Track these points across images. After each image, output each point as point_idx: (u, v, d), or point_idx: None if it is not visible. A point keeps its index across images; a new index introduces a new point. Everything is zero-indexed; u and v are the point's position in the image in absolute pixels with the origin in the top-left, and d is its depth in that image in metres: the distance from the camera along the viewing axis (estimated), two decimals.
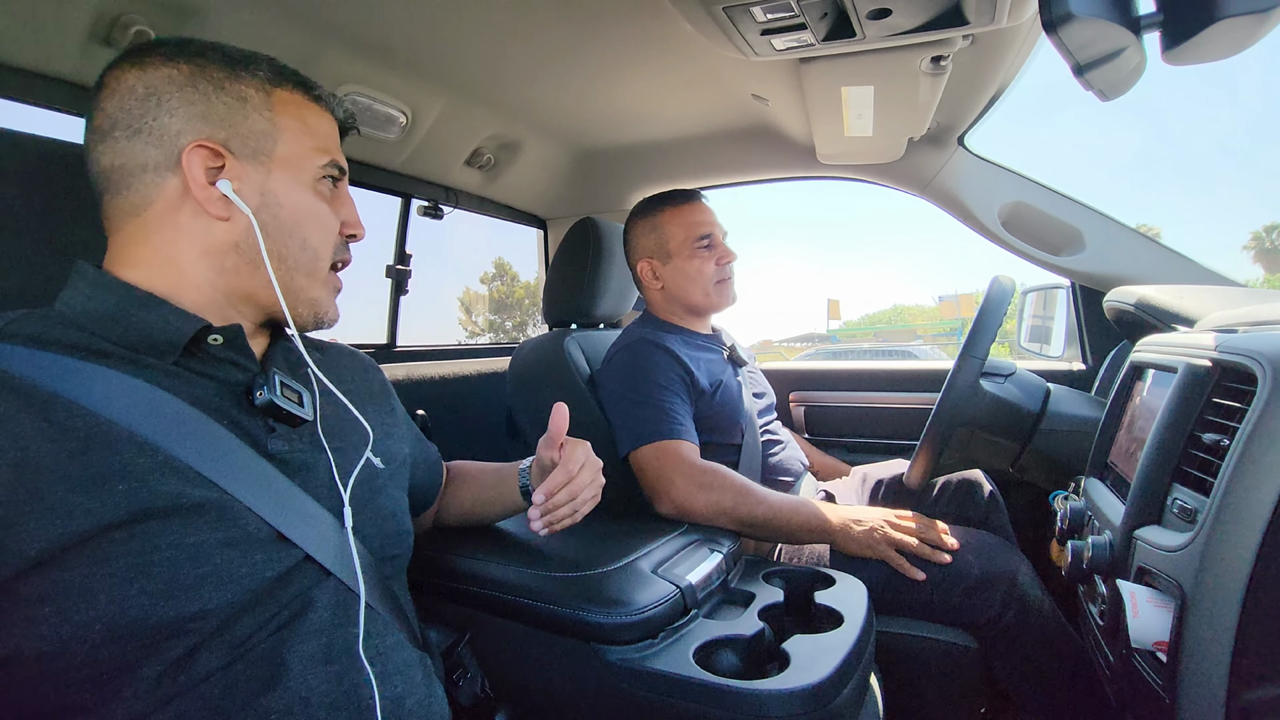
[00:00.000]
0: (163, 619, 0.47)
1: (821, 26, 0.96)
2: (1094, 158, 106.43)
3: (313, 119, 0.64)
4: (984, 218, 1.55)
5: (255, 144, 0.60)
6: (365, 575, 0.60)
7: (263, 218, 0.59)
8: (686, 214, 1.37)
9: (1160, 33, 0.64)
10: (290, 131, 0.62)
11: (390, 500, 0.69)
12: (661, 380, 1.22)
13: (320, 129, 0.64)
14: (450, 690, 0.72)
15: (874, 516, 1.11)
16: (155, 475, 0.50)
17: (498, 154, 1.69)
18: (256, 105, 0.60)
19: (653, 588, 0.82)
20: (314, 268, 0.63)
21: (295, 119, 0.62)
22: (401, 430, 0.79)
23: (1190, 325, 0.90)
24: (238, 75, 0.60)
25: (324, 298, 0.65)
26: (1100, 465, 0.91)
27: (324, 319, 0.66)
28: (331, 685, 0.53)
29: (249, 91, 0.60)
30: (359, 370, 0.78)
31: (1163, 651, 0.60)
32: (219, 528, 0.51)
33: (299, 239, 0.62)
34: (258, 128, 0.60)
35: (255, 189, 0.59)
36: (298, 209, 0.62)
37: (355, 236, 0.68)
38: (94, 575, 0.46)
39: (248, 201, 0.59)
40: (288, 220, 0.61)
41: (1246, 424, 0.58)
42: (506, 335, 20.84)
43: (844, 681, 0.73)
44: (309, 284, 0.63)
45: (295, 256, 0.62)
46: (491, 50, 1.21)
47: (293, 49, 1.08)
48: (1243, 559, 0.55)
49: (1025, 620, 1.03)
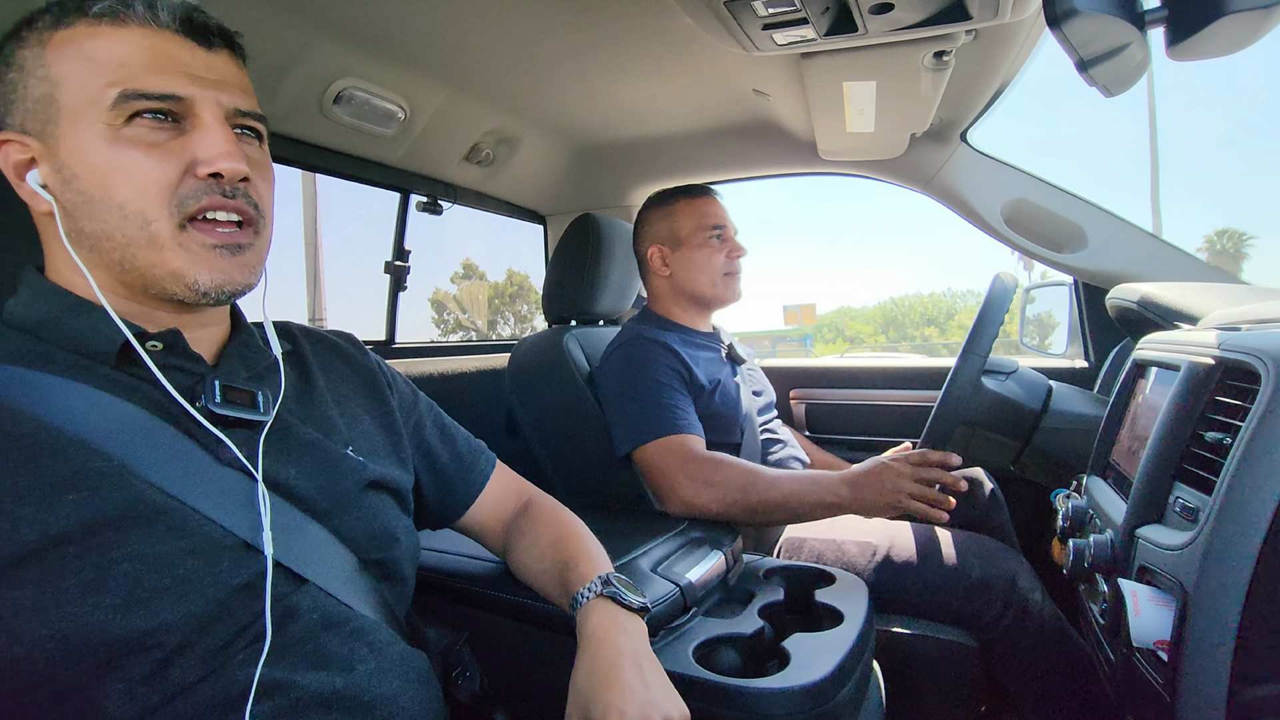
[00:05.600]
0: (120, 634, 0.44)
1: (823, 21, 0.95)
2: (1049, 161, 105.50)
3: (99, 47, 0.49)
4: (986, 214, 1.55)
5: (41, 113, 0.49)
6: (347, 579, 0.58)
7: (67, 198, 0.49)
8: (700, 205, 1.38)
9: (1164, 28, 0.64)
10: (70, 77, 0.48)
11: (378, 499, 0.64)
12: (661, 376, 1.22)
13: (112, 55, 0.49)
14: (450, 689, 0.71)
15: (881, 477, 1.04)
16: (108, 484, 0.47)
17: (497, 149, 1.68)
18: (32, 67, 0.49)
19: (652, 586, 0.82)
20: (148, 235, 0.50)
21: (74, 59, 0.49)
22: (392, 421, 0.72)
23: (1193, 323, 0.90)
24: (20, 40, 0.50)
25: (185, 265, 0.51)
26: (1102, 463, 0.91)
27: (200, 289, 0.52)
28: (322, 688, 0.52)
29: (25, 54, 0.49)
30: (346, 357, 0.72)
31: (1164, 650, 0.60)
32: (181, 536, 0.48)
33: (114, 207, 0.49)
34: (37, 92, 0.49)
35: (53, 167, 0.50)
36: (96, 171, 0.49)
37: (221, 175, 0.51)
38: (46, 591, 0.43)
39: (52, 186, 0.50)
40: (93, 190, 0.49)
41: (1249, 422, 0.58)
42: (479, 334, 20.93)
43: (844, 680, 0.73)
44: (156, 255, 0.50)
45: (121, 229, 0.50)
46: (490, 44, 1.20)
47: (288, 42, 1.08)
48: (1245, 558, 0.55)
49: (1024, 623, 1.03)
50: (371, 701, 0.54)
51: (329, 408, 0.65)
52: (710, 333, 1.43)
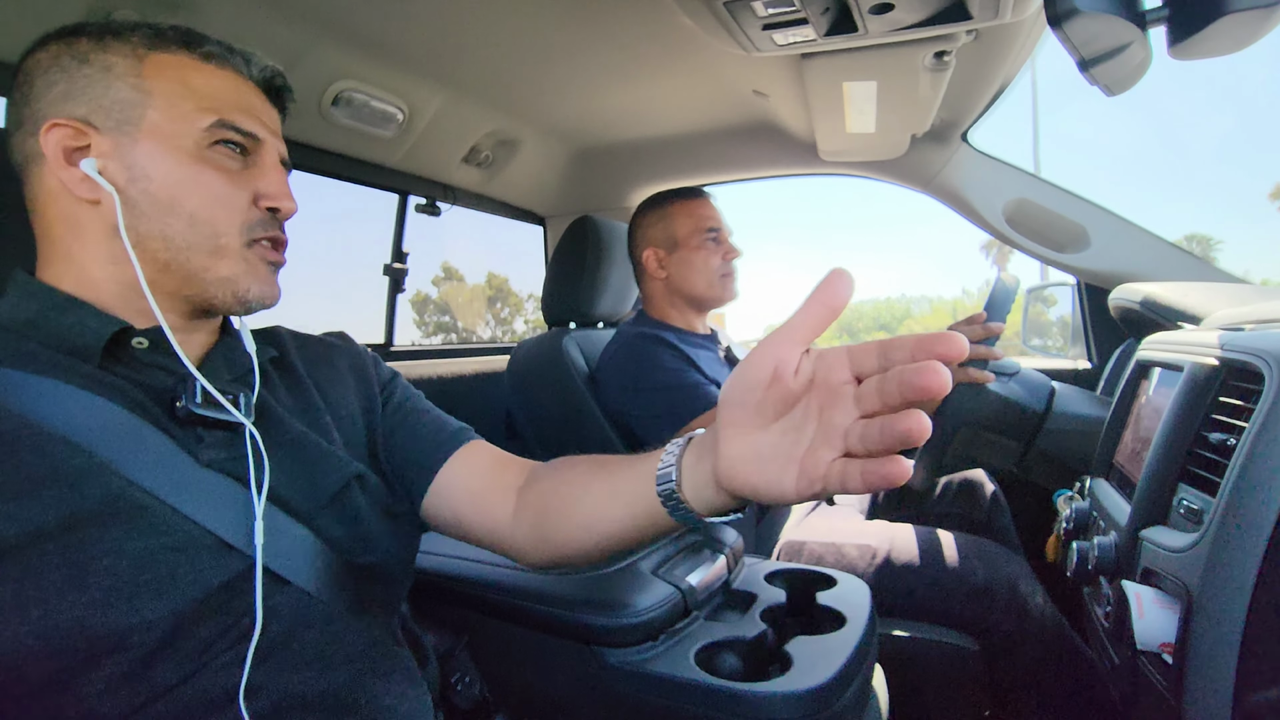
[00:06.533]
0: (100, 630, 0.45)
1: (823, 21, 0.95)
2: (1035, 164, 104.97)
3: (199, 79, 0.57)
4: (988, 214, 1.54)
5: (120, 114, 0.54)
6: (330, 580, 0.57)
7: (131, 194, 0.54)
8: (695, 207, 1.38)
9: (1166, 27, 0.64)
10: (164, 96, 0.55)
11: (362, 501, 0.63)
12: (671, 365, 1.22)
13: (208, 89, 0.57)
14: (449, 694, 0.71)
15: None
16: (87, 480, 0.47)
17: (496, 151, 1.68)
18: (122, 73, 0.54)
19: (653, 589, 0.82)
20: (215, 245, 0.56)
21: (173, 82, 0.55)
22: (373, 412, 0.70)
23: (1196, 323, 0.89)
24: (105, 45, 0.55)
25: (240, 274, 0.58)
26: (1105, 465, 0.90)
27: (247, 297, 0.58)
28: (306, 688, 0.52)
29: (114, 60, 0.55)
30: (330, 359, 0.72)
31: (1168, 653, 0.60)
32: (162, 533, 0.49)
33: (184, 214, 0.55)
34: (121, 96, 0.54)
35: (123, 164, 0.54)
36: (173, 181, 0.55)
37: (279, 211, 0.60)
38: (26, 587, 0.44)
39: (114, 178, 0.53)
40: (162, 194, 0.54)
41: (1253, 423, 0.57)
42: (458, 335, 21.35)
43: (847, 683, 0.73)
44: (214, 262, 0.56)
45: (185, 235, 0.55)
46: (490, 46, 1.20)
47: (287, 44, 1.08)
48: (1250, 560, 0.54)
49: (1024, 628, 1.03)
50: (356, 701, 0.54)
51: (316, 409, 0.65)
52: (708, 334, 1.43)
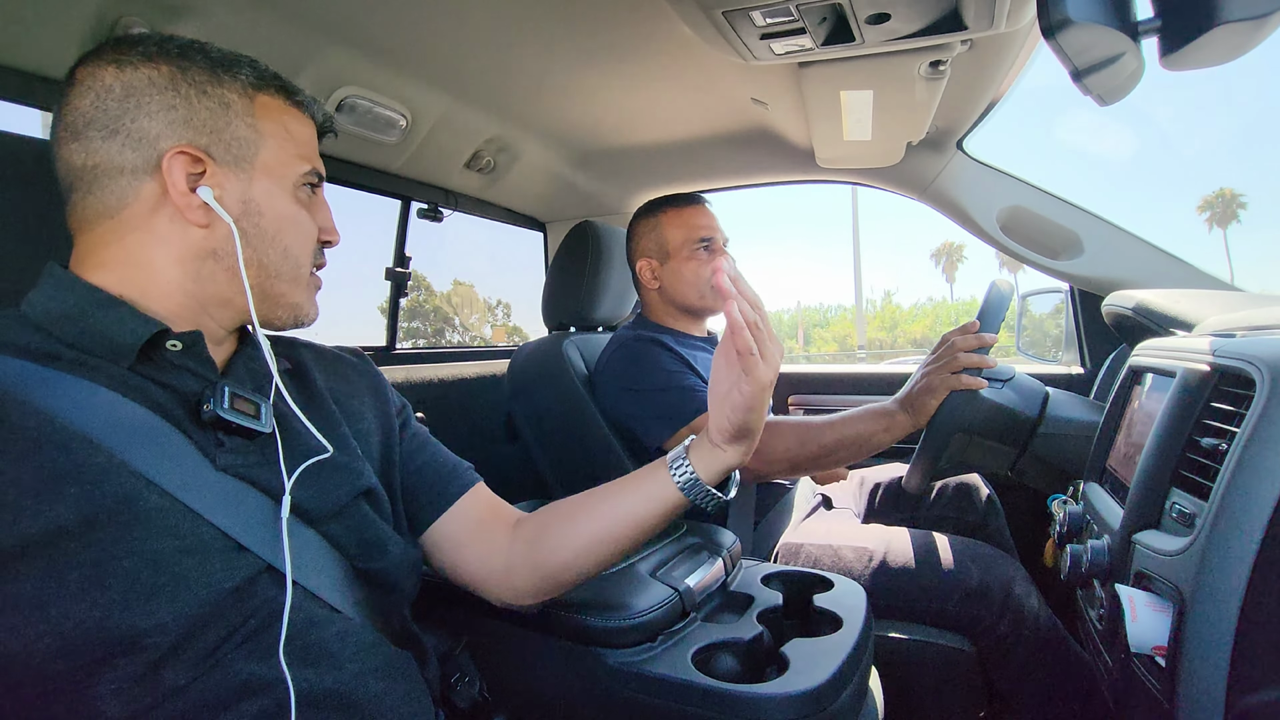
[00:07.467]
0: (117, 632, 0.46)
1: (821, 31, 0.96)
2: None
3: (294, 125, 0.63)
4: (983, 221, 1.56)
5: (238, 151, 0.59)
6: (337, 584, 0.58)
7: (243, 226, 0.59)
8: (688, 216, 1.37)
9: (1158, 38, 0.65)
10: (273, 138, 0.61)
11: (372, 509, 0.65)
12: (669, 366, 1.22)
13: (301, 135, 0.64)
14: (449, 694, 0.71)
15: (930, 381, 1.08)
16: (107, 478, 0.48)
17: (498, 157, 1.69)
18: (239, 111, 0.59)
19: (651, 591, 0.82)
20: (296, 274, 0.63)
21: (278, 125, 0.61)
22: (390, 431, 0.74)
23: (1188, 329, 0.90)
24: (220, 79, 0.59)
25: (304, 301, 0.65)
26: (1099, 469, 0.91)
27: (304, 320, 0.66)
28: (310, 687, 0.52)
29: (231, 96, 0.59)
30: (347, 376, 0.75)
31: (1161, 656, 0.60)
32: (177, 535, 0.50)
33: (280, 247, 0.61)
34: (240, 134, 0.59)
35: (237, 197, 0.59)
36: (280, 217, 0.61)
37: (330, 242, 0.68)
38: (47, 586, 0.44)
39: (229, 209, 0.58)
40: (269, 229, 0.61)
41: (1244, 428, 0.58)
42: (426, 340, 22.61)
43: (843, 685, 0.73)
44: (291, 289, 0.63)
45: (277, 264, 0.61)
46: (492, 53, 1.21)
47: (291, 50, 1.08)
48: (1241, 563, 0.55)
49: (1019, 630, 1.04)
50: (358, 700, 0.55)
51: (334, 420, 0.67)
52: (706, 336, 1.44)
